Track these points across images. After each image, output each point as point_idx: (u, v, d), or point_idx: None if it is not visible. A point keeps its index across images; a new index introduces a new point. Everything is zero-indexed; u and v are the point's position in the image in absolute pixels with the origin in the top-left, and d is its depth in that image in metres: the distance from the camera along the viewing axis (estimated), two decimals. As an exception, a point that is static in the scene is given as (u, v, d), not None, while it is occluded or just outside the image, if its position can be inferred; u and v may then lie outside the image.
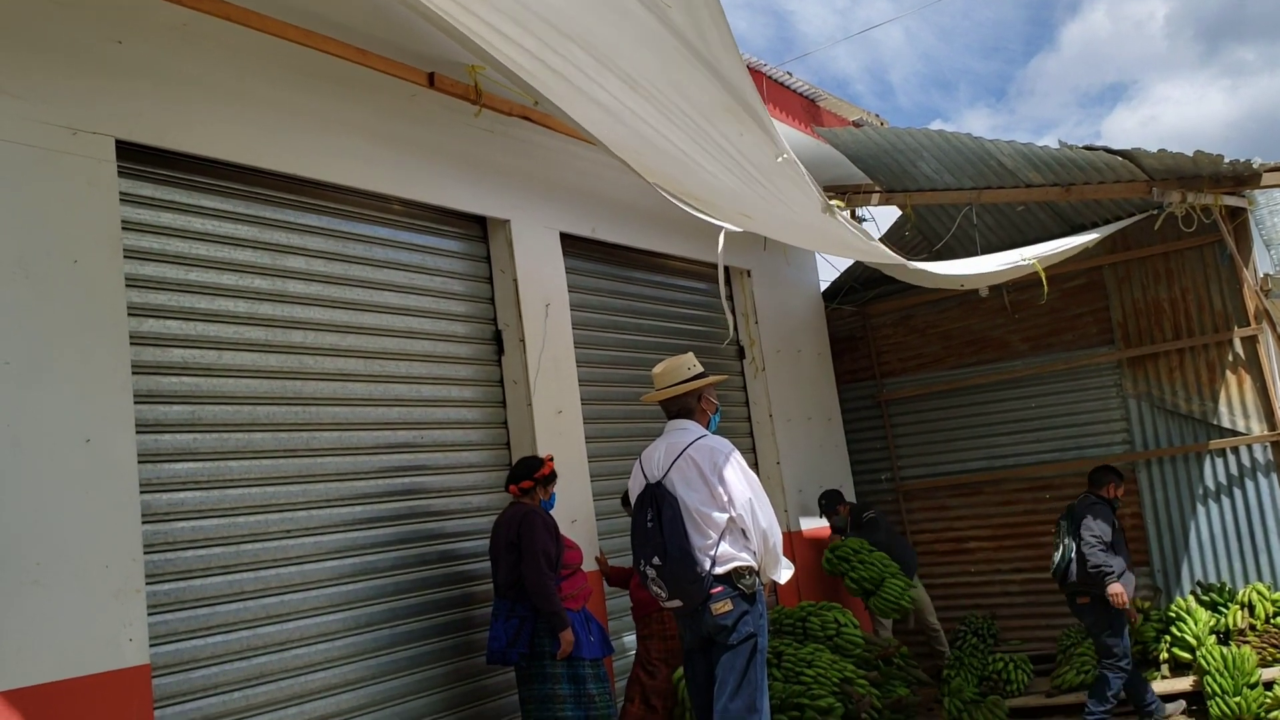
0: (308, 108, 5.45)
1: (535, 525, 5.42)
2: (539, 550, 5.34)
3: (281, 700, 4.93)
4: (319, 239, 5.62)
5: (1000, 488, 9.42)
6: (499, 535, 5.54)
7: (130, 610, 4.22)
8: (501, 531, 5.53)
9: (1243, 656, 6.86)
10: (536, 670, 5.40)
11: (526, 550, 5.34)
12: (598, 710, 5.41)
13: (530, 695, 5.43)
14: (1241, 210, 7.98)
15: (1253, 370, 8.19)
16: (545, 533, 5.45)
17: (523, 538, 5.38)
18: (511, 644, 5.33)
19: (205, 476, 4.84)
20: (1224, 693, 6.77)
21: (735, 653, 4.47)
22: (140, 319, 4.67)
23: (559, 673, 5.39)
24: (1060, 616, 8.77)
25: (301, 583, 5.15)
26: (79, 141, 4.41)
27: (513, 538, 5.42)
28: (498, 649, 5.36)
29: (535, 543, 5.35)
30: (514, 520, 5.48)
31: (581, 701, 5.39)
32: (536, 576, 5.30)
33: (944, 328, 9.76)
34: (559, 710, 5.35)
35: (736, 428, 8.62)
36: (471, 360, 6.41)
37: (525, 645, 5.35)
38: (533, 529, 5.39)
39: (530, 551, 5.33)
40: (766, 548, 4.57)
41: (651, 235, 7.84)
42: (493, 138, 6.54)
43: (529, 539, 5.36)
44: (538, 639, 5.38)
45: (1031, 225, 8.99)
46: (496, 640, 5.37)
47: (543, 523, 5.48)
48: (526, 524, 5.41)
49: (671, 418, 4.87)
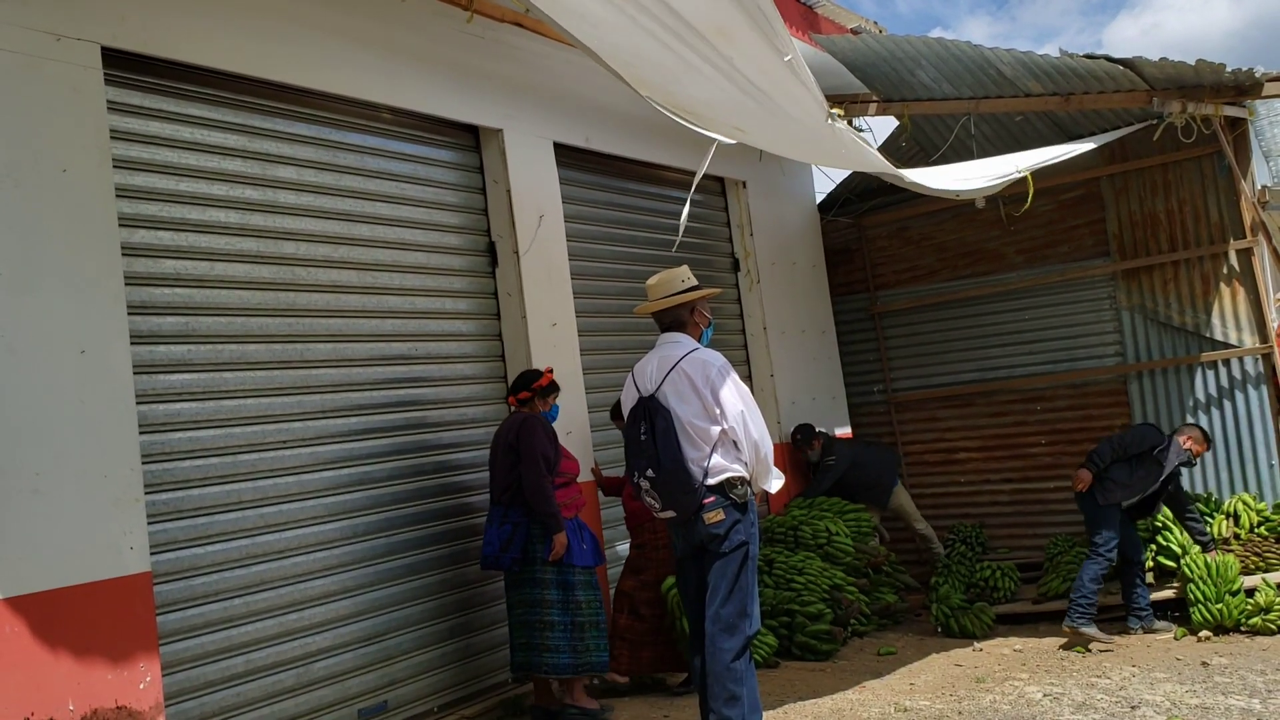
0: (296, 13, 5.34)
1: (535, 429, 5.45)
2: (538, 453, 5.37)
3: (281, 606, 5.02)
4: (309, 148, 5.56)
5: (991, 399, 9.49)
6: (498, 441, 5.58)
7: (130, 519, 4.28)
8: (501, 437, 5.57)
9: (1225, 564, 7.00)
10: (527, 575, 5.47)
11: (525, 453, 5.38)
12: (584, 616, 5.49)
13: (518, 599, 5.51)
14: (1241, 121, 7.91)
15: (1246, 283, 8.20)
16: (544, 437, 5.48)
17: (521, 441, 5.41)
18: (504, 549, 5.41)
19: (201, 387, 4.86)
20: (1206, 600, 6.92)
21: (727, 560, 4.55)
22: (132, 229, 4.64)
23: (548, 578, 5.46)
24: (1047, 525, 8.93)
25: (299, 492, 5.21)
26: (63, 48, 4.33)
27: (511, 440, 5.46)
28: (490, 554, 5.44)
29: (534, 446, 5.38)
30: (513, 425, 5.52)
31: (569, 607, 5.46)
32: (535, 478, 5.35)
33: (939, 240, 9.73)
34: (545, 614, 5.42)
35: (730, 340, 8.65)
36: (465, 272, 6.39)
37: (518, 550, 5.42)
38: (532, 433, 5.43)
39: (530, 454, 5.37)
40: (758, 458, 4.61)
41: (646, 145, 7.75)
42: (484, 44, 6.43)
43: (528, 442, 5.39)
44: (530, 544, 5.45)
45: (1030, 135, 8.91)
46: (489, 545, 5.45)
47: (542, 428, 5.51)
48: (526, 428, 5.45)
49: (664, 330, 4.88)
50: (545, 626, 5.43)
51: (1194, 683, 5.73)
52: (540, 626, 5.43)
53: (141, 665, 4.21)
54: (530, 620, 5.46)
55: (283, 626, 5.01)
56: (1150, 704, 5.37)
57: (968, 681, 6.15)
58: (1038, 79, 7.68)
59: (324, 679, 5.15)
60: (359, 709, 5.29)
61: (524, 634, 5.48)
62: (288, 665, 5.00)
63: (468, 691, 5.86)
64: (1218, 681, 5.73)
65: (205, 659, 4.66)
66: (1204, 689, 5.59)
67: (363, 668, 5.34)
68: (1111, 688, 5.75)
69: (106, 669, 4.09)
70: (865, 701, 5.77)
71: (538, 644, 5.43)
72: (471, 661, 5.92)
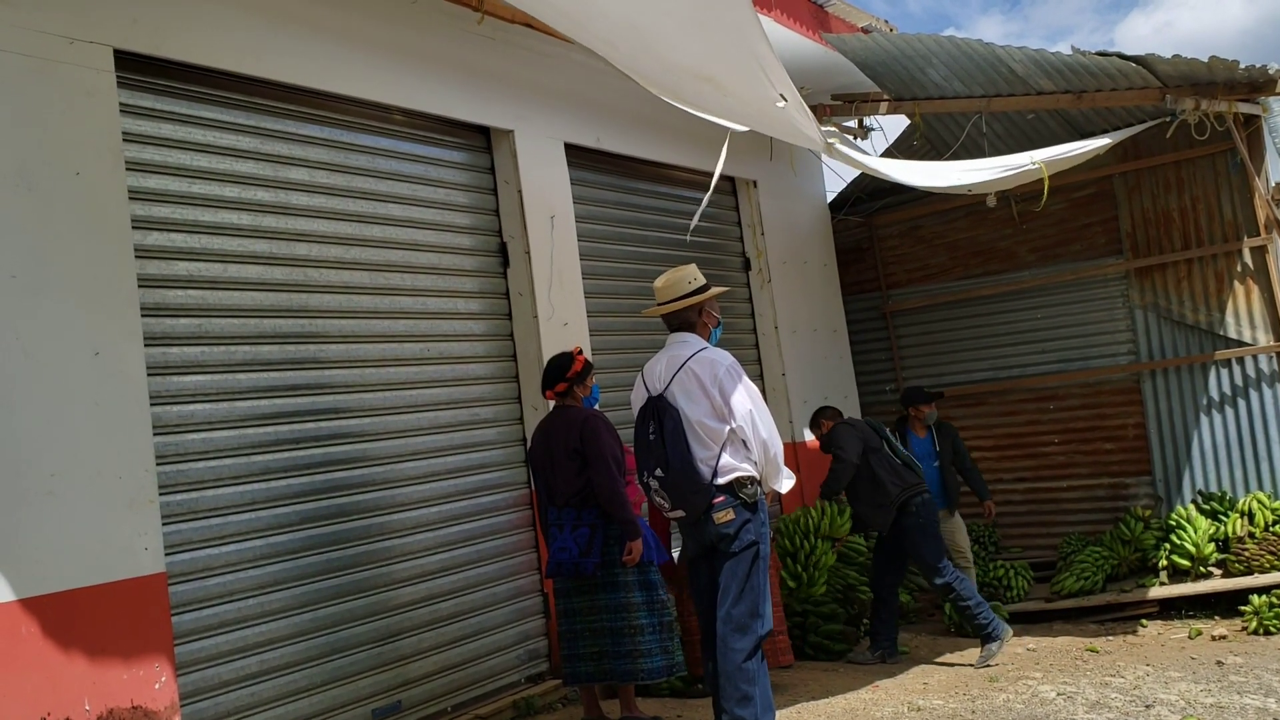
0: (307, 16, 5.36)
1: (600, 430, 5.15)
2: (608, 456, 5.09)
3: (295, 606, 5.04)
4: (321, 150, 5.58)
5: (1004, 398, 9.46)
6: (554, 442, 5.24)
7: (145, 520, 4.30)
8: (557, 438, 5.23)
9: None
10: (608, 579, 5.17)
11: (595, 457, 5.08)
12: (669, 615, 5.26)
13: (594, 605, 5.20)
14: (1255, 118, 7.87)
15: (1261, 281, 8.15)
16: (610, 438, 5.18)
17: (587, 443, 5.11)
18: (585, 553, 5.09)
19: (214, 389, 4.88)
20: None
21: (738, 560, 4.55)
22: (144, 232, 4.67)
23: (631, 580, 5.18)
24: (1060, 524, 8.90)
25: (312, 492, 5.22)
26: (76, 51, 4.36)
27: (575, 444, 5.14)
28: (568, 560, 5.11)
29: (603, 448, 5.09)
30: (572, 425, 5.20)
31: (654, 608, 5.21)
32: (610, 483, 5.06)
33: (951, 238, 9.71)
34: (632, 618, 5.15)
35: (742, 339, 8.64)
36: (477, 273, 6.41)
37: (599, 554, 5.10)
38: (597, 434, 5.13)
39: (600, 458, 5.07)
40: (767, 458, 4.61)
41: (657, 145, 7.76)
42: (495, 45, 6.45)
43: (595, 444, 5.10)
44: (609, 546, 5.15)
45: (1042, 134, 8.88)
46: (565, 551, 5.12)
47: (606, 426, 5.22)
48: (590, 429, 5.15)
49: (673, 330, 4.88)
50: (634, 631, 5.13)
51: (1209, 682, 5.71)
52: (629, 632, 5.14)
53: (157, 665, 4.24)
54: (615, 626, 5.16)
55: (296, 626, 5.03)
56: (1165, 703, 5.35)
57: (981, 681, 6.14)
58: (1050, 77, 7.66)
59: (338, 679, 5.16)
60: (373, 709, 5.30)
61: (600, 641, 5.19)
62: (301, 665, 5.01)
63: (481, 691, 5.87)
64: (1233, 681, 5.71)
65: (220, 659, 4.68)
66: (1219, 688, 5.57)
67: (376, 667, 5.34)
68: (1126, 687, 5.73)
69: (122, 669, 4.12)
70: (878, 701, 5.76)
71: (627, 651, 5.13)
72: (485, 661, 5.92)
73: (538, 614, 6.30)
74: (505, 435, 6.36)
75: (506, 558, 6.20)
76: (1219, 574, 7.51)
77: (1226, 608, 7.30)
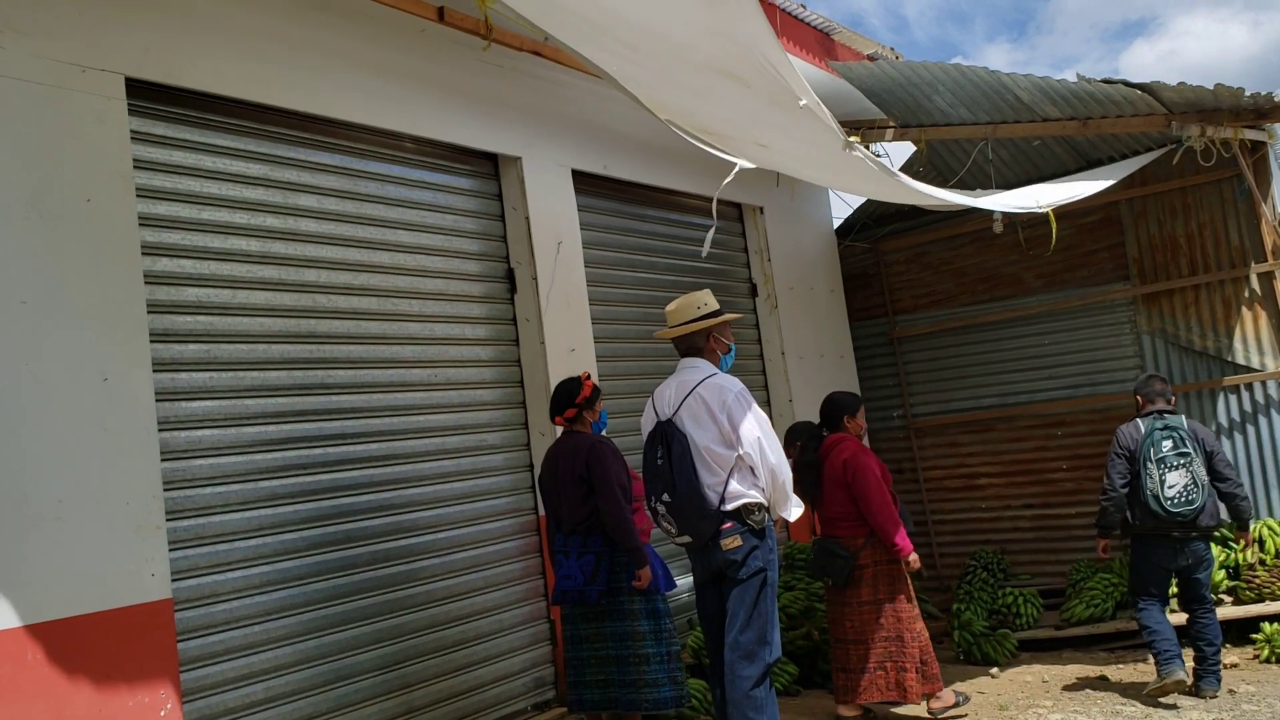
0: (317, 43, 5.41)
1: (606, 456, 5.13)
2: (614, 483, 5.06)
3: (301, 633, 5.02)
4: (331, 177, 5.61)
5: (1012, 425, 9.43)
6: (560, 468, 5.24)
7: (152, 545, 4.30)
8: (564, 464, 5.23)
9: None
10: (613, 607, 5.17)
11: (601, 484, 5.06)
12: (676, 645, 5.22)
13: (600, 633, 5.20)
14: (1261, 144, 7.88)
15: (1268, 306, 8.14)
16: (617, 464, 5.15)
17: (593, 470, 5.09)
18: (590, 581, 5.08)
19: (222, 414, 4.89)
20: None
21: (745, 587, 4.53)
22: (154, 258, 4.69)
23: (637, 608, 5.16)
24: (1069, 551, 8.85)
25: (319, 518, 5.21)
26: (88, 79, 4.40)
27: (581, 471, 5.13)
28: (572, 588, 5.10)
29: (609, 475, 5.07)
30: (578, 451, 5.18)
31: (661, 637, 5.17)
32: (616, 511, 5.03)
33: (957, 264, 9.71)
34: (638, 647, 5.12)
35: (749, 365, 8.64)
36: (484, 299, 6.42)
37: (604, 582, 5.10)
38: (603, 460, 5.10)
39: (606, 485, 5.05)
40: (775, 485, 4.60)
41: (664, 172, 7.79)
42: (503, 73, 6.49)
43: (601, 472, 5.07)
44: (614, 574, 5.15)
45: (1047, 160, 8.90)
46: (570, 579, 5.11)
47: (612, 453, 5.18)
48: (595, 455, 5.12)
49: (683, 355, 4.88)
50: (640, 660, 5.10)
51: (1221, 710, 5.66)
52: (635, 661, 5.10)
53: (162, 692, 4.22)
54: (621, 655, 5.13)
55: (302, 653, 5.01)
56: (1176, 732, 5.31)
57: (990, 709, 6.09)
58: (1055, 104, 7.68)
59: (344, 705, 5.14)
60: (378, 736, 5.27)
61: (606, 670, 5.17)
62: (307, 692, 4.99)
63: (488, 719, 5.83)
64: (1245, 709, 5.66)
65: (225, 686, 4.66)
66: (1231, 716, 5.52)
67: (383, 694, 5.32)
68: (1137, 715, 5.68)
69: (128, 696, 4.11)
70: (887, 729, 5.72)
71: (632, 680, 5.10)
72: (491, 688, 5.89)
73: (545, 641, 6.28)
74: (512, 461, 6.35)
75: (514, 584, 6.18)
76: (1230, 601, 7.45)
77: (1238, 635, 7.24)
